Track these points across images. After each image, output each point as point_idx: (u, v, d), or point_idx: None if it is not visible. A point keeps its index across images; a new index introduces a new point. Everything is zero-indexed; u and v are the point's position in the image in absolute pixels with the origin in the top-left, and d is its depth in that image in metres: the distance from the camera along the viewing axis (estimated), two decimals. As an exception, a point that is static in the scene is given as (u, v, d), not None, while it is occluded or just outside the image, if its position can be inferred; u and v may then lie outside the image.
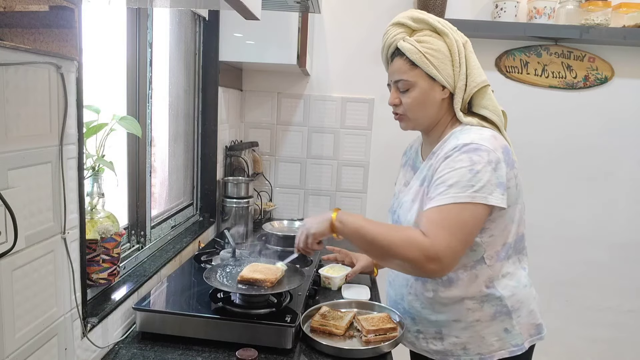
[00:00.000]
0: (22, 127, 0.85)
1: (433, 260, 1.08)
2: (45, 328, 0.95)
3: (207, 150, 2.09)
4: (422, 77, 1.21)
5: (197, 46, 2.01)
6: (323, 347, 1.20)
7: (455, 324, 1.24)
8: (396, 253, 1.11)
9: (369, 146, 2.54)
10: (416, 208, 1.23)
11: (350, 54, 2.47)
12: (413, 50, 1.20)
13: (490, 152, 1.13)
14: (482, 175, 1.11)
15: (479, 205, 1.11)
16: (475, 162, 1.12)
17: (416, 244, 1.09)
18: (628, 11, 2.27)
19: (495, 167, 1.13)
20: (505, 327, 1.23)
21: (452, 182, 1.12)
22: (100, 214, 1.18)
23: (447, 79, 1.21)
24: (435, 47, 1.20)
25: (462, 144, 1.15)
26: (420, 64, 1.20)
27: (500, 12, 2.30)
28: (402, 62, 1.23)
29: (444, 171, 1.15)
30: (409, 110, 1.26)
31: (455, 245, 1.09)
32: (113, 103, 1.40)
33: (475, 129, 1.21)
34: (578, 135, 2.48)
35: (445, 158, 1.17)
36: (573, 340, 2.62)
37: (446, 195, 1.11)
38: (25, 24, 0.81)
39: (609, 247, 2.55)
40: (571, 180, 2.52)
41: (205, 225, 2.05)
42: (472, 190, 1.10)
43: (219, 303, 1.29)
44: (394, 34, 1.24)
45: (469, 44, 1.25)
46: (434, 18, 1.22)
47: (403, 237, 1.12)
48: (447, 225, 1.10)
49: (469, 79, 1.22)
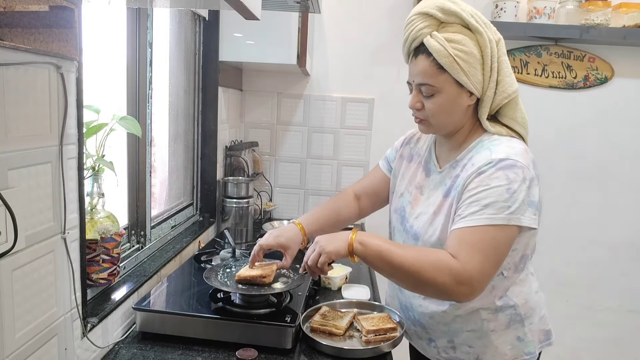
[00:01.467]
0: (22, 127, 0.85)
1: (464, 284, 1.02)
2: (45, 328, 0.95)
3: (207, 150, 2.09)
4: (449, 83, 1.09)
5: (197, 46, 2.01)
6: (323, 347, 1.20)
7: (469, 334, 1.19)
8: (426, 279, 1.04)
9: (369, 146, 2.54)
10: (440, 222, 1.15)
11: (350, 54, 2.47)
12: (442, 53, 1.06)
13: (525, 170, 1.06)
14: (518, 195, 1.04)
15: (512, 227, 1.05)
16: (512, 181, 1.05)
17: (447, 268, 1.02)
18: (628, 11, 2.27)
19: (530, 185, 1.06)
20: (518, 335, 1.19)
21: (488, 202, 1.04)
22: (100, 214, 1.18)
23: (476, 85, 1.10)
24: (467, 48, 1.07)
25: (498, 159, 1.07)
26: (449, 69, 1.07)
27: (500, 12, 2.30)
28: (428, 64, 1.09)
29: (478, 188, 1.06)
30: (432, 116, 1.15)
31: (488, 268, 1.04)
32: (113, 103, 1.40)
33: (506, 141, 1.13)
34: (578, 135, 2.48)
35: (478, 174, 1.08)
36: (573, 340, 2.62)
37: (481, 215, 1.04)
38: (25, 24, 0.81)
39: (609, 247, 2.55)
40: (571, 180, 2.52)
41: (205, 225, 2.05)
42: (508, 212, 1.04)
43: (219, 303, 1.29)
44: (419, 26, 1.09)
45: (503, 43, 1.12)
46: (468, 10, 1.08)
47: (433, 261, 1.04)
48: (482, 248, 1.03)
49: (499, 87, 1.11)
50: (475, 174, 1.08)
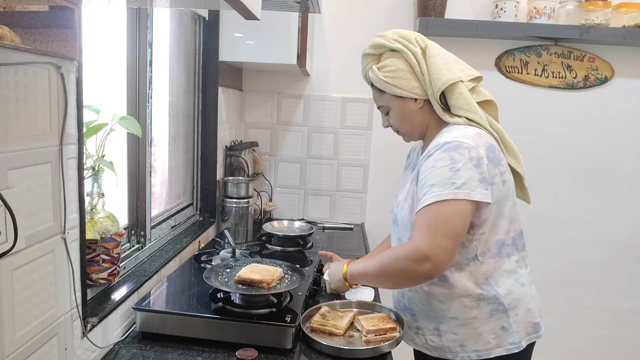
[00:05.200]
0: (22, 127, 0.85)
1: (421, 260, 1.12)
2: (45, 328, 0.95)
3: (207, 150, 2.09)
4: (391, 99, 1.29)
5: (197, 46, 2.01)
6: (323, 347, 1.20)
7: (453, 321, 1.25)
8: (393, 272, 1.18)
9: (369, 146, 2.54)
10: (407, 206, 1.27)
11: (350, 54, 2.46)
12: (376, 80, 1.28)
13: (472, 149, 1.15)
14: (463, 173, 1.13)
15: (462, 201, 1.13)
16: (456, 160, 1.14)
17: (404, 253, 1.15)
18: (628, 11, 2.27)
19: (477, 163, 1.14)
20: (502, 325, 1.24)
21: (434, 182, 1.15)
22: (100, 214, 1.18)
23: (413, 91, 1.25)
24: (394, 67, 1.26)
25: (444, 142, 1.18)
26: (385, 90, 1.28)
27: (500, 12, 2.30)
28: (375, 92, 1.33)
29: (425, 171, 1.18)
30: (398, 127, 1.35)
31: (440, 240, 1.11)
32: (113, 103, 1.40)
33: (461, 128, 1.23)
34: (578, 135, 2.48)
35: (427, 157, 1.20)
36: (573, 340, 2.62)
37: (429, 195, 1.14)
38: (25, 24, 0.81)
39: (609, 247, 2.55)
40: (571, 180, 2.52)
41: (205, 225, 2.05)
42: (453, 187, 1.12)
43: (219, 303, 1.29)
44: (364, 66, 1.33)
45: (430, 48, 1.27)
46: (391, 37, 1.27)
47: (392, 256, 1.19)
48: (430, 225, 1.13)
49: (433, 83, 1.24)
50: (425, 158, 1.21)
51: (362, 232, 2.43)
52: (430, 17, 2.27)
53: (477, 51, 2.41)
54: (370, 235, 2.38)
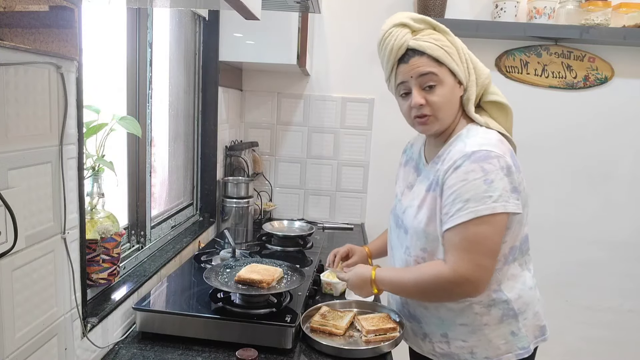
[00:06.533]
0: (22, 127, 0.85)
1: (462, 284, 1.10)
2: (45, 328, 0.95)
3: (207, 150, 2.09)
4: (447, 74, 1.17)
5: (197, 46, 2.01)
6: (323, 347, 1.20)
7: (462, 328, 1.21)
8: (432, 294, 1.17)
9: (369, 146, 2.54)
10: (423, 215, 1.20)
11: (350, 54, 2.47)
12: (434, 47, 1.15)
13: (500, 158, 1.11)
14: (497, 184, 1.08)
15: (499, 215, 1.09)
16: (488, 172, 1.09)
17: (442, 278, 1.11)
18: (628, 11, 2.27)
19: (508, 172, 1.10)
20: (512, 330, 1.21)
21: (469, 197, 1.09)
22: (100, 214, 1.18)
23: (462, 74, 1.19)
24: (447, 43, 1.17)
25: (471, 151, 1.12)
26: (444, 60, 1.16)
27: (500, 12, 2.30)
28: (424, 60, 1.16)
29: (457, 185, 1.11)
30: (438, 110, 1.18)
31: (480, 260, 1.09)
32: (113, 103, 1.40)
33: (482, 132, 1.18)
34: (578, 135, 2.48)
35: (455, 168, 1.13)
36: (573, 340, 2.62)
37: (466, 211, 1.09)
38: (25, 24, 0.81)
39: (609, 247, 2.55)
40: (571, 180, 2.52)
41: (205, 225, 2.05)
42: (490, 201, 1.08)
43: (219, 303, 1.29)
44: (400, 34, 1.17)
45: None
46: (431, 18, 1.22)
47: (431, 278, 1.14)
48: (468, 246, 1.09)
49: (477, 72, 1.21)
50: (452, 169, 1.13)
51: (362, 232, 2.43)
52: (430, 16, 2.26)
53: (477, 51, 2.35)
54: (370, 235, 2.38)
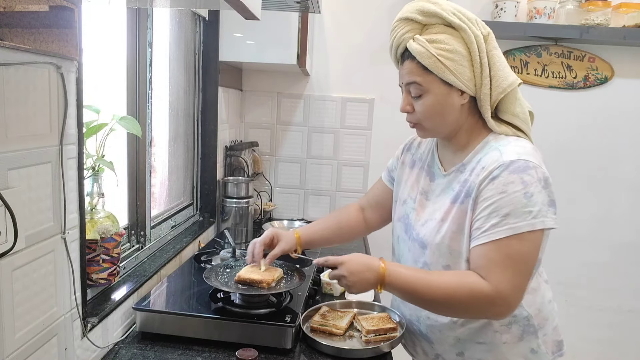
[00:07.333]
0: (22, 127, 0.85)
1: (500, 305, 1.02)
2: (45, 328, 0.95)
3: (207, 150, 2.09)
4: (436, 83, 1.06)
5: (197, 46, 2.01)
6: (323, 347, 1.20)
7: (479, 346, 1.14)
8: (462, 309, 1.05)
9: (369, 146, 2.54)
10: (448, 229, 1.10)
11: (350, 54, 2.47)
12: (425, 54, 1.04)
13: (538, 169, 1.03)
14: (537, 198, 1.01)
15: (538, 232, 1.02)
16: (528, 184, 1.01)
17: (481, 293, 1.01)
18: (628, 11, 2.27)
19: (545, 184, 1.03)
20: (531, 347, 1.14)
21: (508, 211, 1.00)
22: (100, 214, 1.18)
23: (466, 83, 1.06)
24: (451, 47, 1.04)
25: (509, 161, 1.03)
26: (433, 70, 1.05)
27: (500, 12, 2.30)
28: (413, 66, 1.07)
29: (494, 197, 1.02)
30: (424, 119, 1.12)
31: (520, 282, 1.02)
32: (113, 103, 1.40)
33: (514, 140, 1.09)
34: (578, 135, 2.48)
35: (491, 179, 1.03)
36: (573, 340, 2.60)
37: (503, 227, 1.01)
38: (25, 24, 0.81)
39: (608, 247, 2.55)
40: (571, 180, 2.52)
41: (205, 225, 2.05)
42: (530, 217, 1.00)
43: (219, 303, 1.29)
44: (402, 32, 1.08)
45: (492, 37, 1.08)
46: (449, 9, 1.05)
47: (465, 290, 1.02)
48: (510, 265, 1.01)
49: (493, 82, 1.07)
50: (488, 179, 1.04)
51: (362, 232, 2.42)
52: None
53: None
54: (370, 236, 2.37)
